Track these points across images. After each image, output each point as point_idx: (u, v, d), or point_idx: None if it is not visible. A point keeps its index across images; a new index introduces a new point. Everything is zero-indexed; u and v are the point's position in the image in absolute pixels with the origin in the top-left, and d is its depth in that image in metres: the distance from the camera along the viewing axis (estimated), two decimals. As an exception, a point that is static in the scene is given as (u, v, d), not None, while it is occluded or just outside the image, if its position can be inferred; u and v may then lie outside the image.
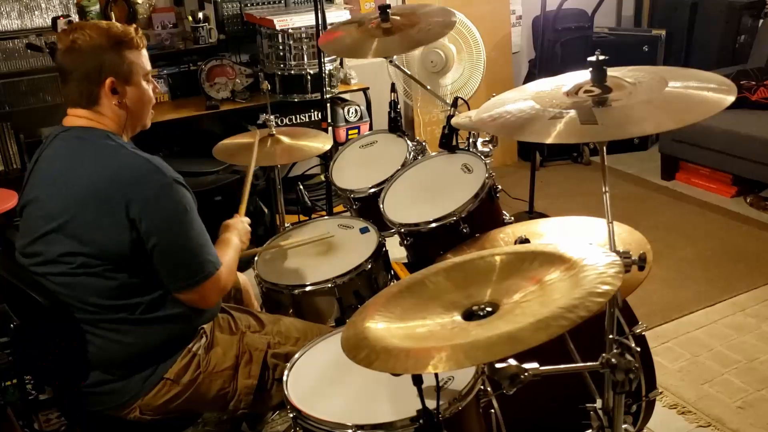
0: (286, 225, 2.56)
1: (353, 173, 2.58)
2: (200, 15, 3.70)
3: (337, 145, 3.40)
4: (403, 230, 2.15)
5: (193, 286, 1.68)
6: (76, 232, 1.60)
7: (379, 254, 2.19)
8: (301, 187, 2.65)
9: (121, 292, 1.65)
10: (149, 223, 1.59)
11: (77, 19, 3.27)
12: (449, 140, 2.32)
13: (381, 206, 2.25)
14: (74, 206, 1.60)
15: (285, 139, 2.49)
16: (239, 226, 2.01)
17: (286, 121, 3.67)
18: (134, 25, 1.72)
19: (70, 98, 1.69)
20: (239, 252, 1.93)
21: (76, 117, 1.69)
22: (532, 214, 3.87)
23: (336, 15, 3.52)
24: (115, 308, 1.66)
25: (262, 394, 1.83)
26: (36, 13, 3.24)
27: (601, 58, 1.35)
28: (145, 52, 1.73)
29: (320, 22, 3.15)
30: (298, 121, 3.70)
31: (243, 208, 2.15)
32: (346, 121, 3.76)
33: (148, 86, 1.75)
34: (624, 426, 1.39)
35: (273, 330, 1.92)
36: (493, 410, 1.58)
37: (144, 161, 1.63)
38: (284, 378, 1.56)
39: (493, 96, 1.53)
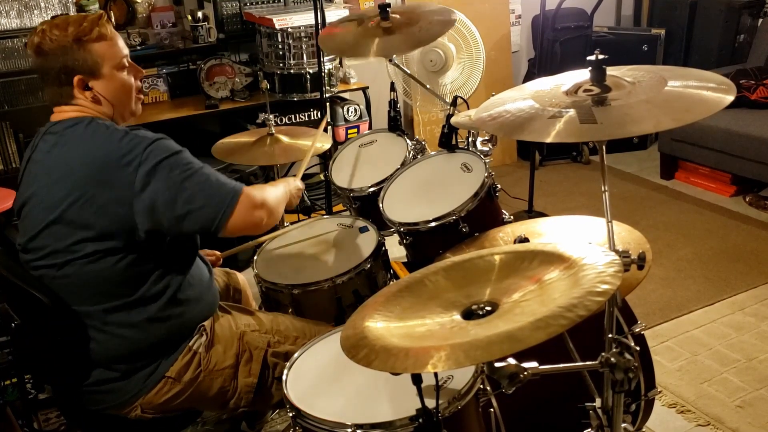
0: (285, 224, 2.56)
1: (353, 172, 2.57)
2: (199, 14, 3.70)
3: (336, 144, 3.40)
4: (402, 229, 2.15)
5: (229, 214, 1.63)
6: (80, 216, 1.60)
7: (379, 253, 2.19)
8: (301, 186, 2.65)
9: (121, 284, 1.65)
10: (151, 176, 1.58)
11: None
12: (449, 139, 2.32)
13: (380, 205, 2.25)
14: (75, 190, 1.60)
15: (284, 138, 2.49)
16: (290, 180, 2.04)
17: (285, 120, 3.67)
18: (101, 12, 1.70)
19: (49, 99, 1.72)
20: (286, 195, 1.94)
21: (62, 112, 1.71)
22: (531, 213, 3.87)
23: (335, 14, 3.53)
24: (116, 299, 1.66)
25: (263, 393, 1.84)
26: (35, 12, 3.23)
27: (601, 57, 1.35)
28: (117, 41, 1.70)
29: (319, 21, 3.15)
30: (298, 120, 3.70)
31: (300, 173, 2.19)
32: (346, 120, 3.76)
33: (123, 73, 1.72)
34: (623, 425, 1.39)
35: (272, 329, 1.92)
36: (492, 409, 1.58)
37: (124, 131, 1.65)
38: (284, 377, 1.56)
39: (493, 95, 1.53)
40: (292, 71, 3.57)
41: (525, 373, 1.16)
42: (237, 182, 1.70)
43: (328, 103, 3.58)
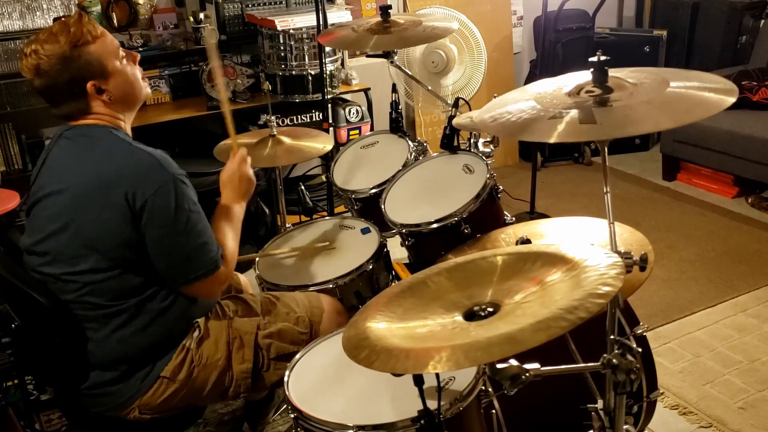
0: (287, 225, 2.56)
1: (354, 174, 2.58)
2: (201, 15, 3.70)
3: (338, 145, 3.40)
4: (404, 231, 2.15)
5: (192, 282, 1.69)
6: (82, 229, 1.60)
7: (381, 255, 2.19)
8: (303, 187, 2.66)
9: (123, 292, 1.66)
10: (148, 217, 1.59)
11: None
12: (450, 141, 2.32)
13: (382, 207, 2.25)
14: (80, 202, 1.60)
15: (286, 139, 2.49)
16: (235, 178, 1.89)
17: (287, 121, 3.67)
18: (78, 12, 1.67)
19: (65, 117, 1.69)
20: (239, 225, 1.86)
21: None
22: (533, 214, 3.87)
23: (337, 15, 3.52)
24: (115, 306, 1.66)
25: (259, 375, 1.84)
26: (37, 13, 3.24)
27: (603, 58, 1.35)
28: (107, 35, 1.67)
29: (321, 23, 3.15)
30: (300, 121, 3.70)
31: (233, 138, 1.98)
32: (348, 121, 3.76)
33: (124, 64, 1.70)
34: (625, 426, 1.39)
35: (261, 309, 1.92)
36: (494, 410, 1.58)
37: (147, 155, 1.63)
38: (285, 378, 1.57)
39: (495, 96, 1.53)
40: (293, 72, 3.57)
41: (527, 374, 1.16)
42: (216, 255, 1.70)
43: (329, 105, 3.58)
